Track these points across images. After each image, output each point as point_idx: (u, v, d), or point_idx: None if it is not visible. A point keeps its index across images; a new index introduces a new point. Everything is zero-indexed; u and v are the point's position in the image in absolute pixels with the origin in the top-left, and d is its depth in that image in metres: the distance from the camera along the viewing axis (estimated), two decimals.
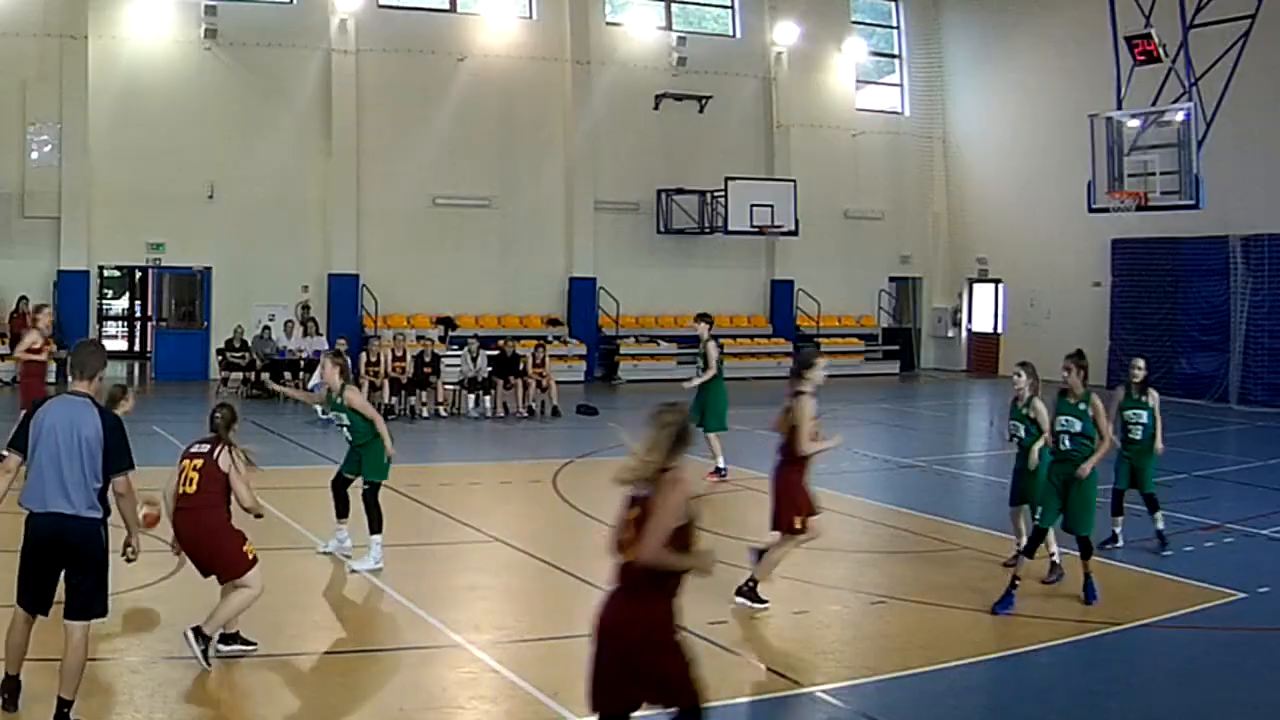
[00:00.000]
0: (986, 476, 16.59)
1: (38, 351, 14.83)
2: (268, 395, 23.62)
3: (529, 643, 8.48)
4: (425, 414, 21.40)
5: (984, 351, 32.44)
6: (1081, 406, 9.74)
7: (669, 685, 5.26)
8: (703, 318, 16.05)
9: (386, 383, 21.22)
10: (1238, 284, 25.46)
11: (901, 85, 33.77)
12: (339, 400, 10.43)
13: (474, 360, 22.03)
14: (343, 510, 10.71)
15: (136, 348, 32.90)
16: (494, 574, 10.75)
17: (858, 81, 32.97)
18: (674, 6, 30.90)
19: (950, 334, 33.40)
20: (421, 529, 12.47)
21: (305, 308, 26.02)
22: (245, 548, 7.68)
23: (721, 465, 15.22)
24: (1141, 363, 11.79)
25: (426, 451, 17.21)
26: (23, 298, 24.05)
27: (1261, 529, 12.30)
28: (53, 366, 16.28)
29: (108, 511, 6.49)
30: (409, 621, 8.98)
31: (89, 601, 6.42)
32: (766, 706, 7.30)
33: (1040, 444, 10.25)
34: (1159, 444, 11.53)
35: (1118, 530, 11.47)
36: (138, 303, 33.92)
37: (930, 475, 16.00)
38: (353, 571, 10.22)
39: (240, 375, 24.02)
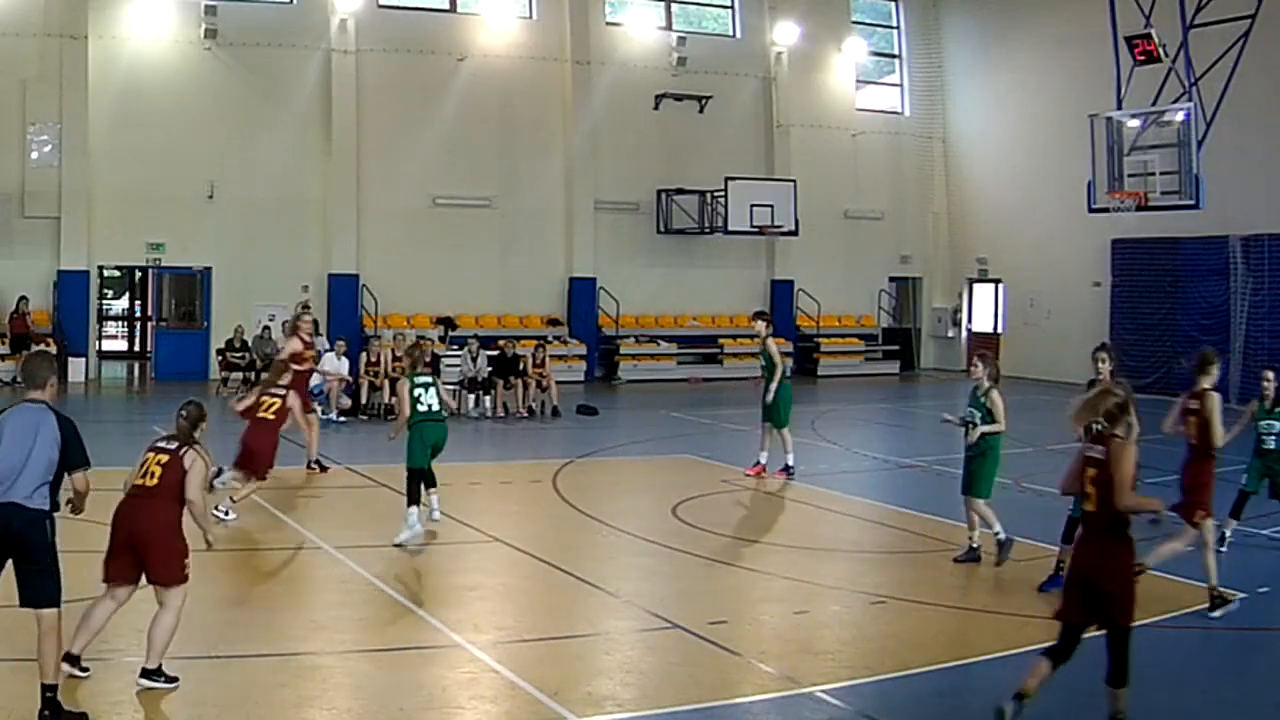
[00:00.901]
0: None
1: (302, 359, 15.01)
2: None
3: (529, 643, 8.48)
4: None
5: (984, 351, 32.41)
6: None
7: (1119, 606, 6.61)
8: (760, 315, 16.10)
9: (386, 383, 21.21)
10: (1238, 284, 25.46)
11: (901, 85, 33.78)
12: None
13: (474, 360, 22.03)
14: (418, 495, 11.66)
15: (136, 348, 32.92)
16: (494, 574, 10.75)
17: (858, 81, 32.98)
18: (674, 6, 30.90)
19: (950, 334, 33.39)
20: None
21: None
22: (186, 560, 7.38)
23: (790, 462, 15.31)
24: (1271, 375, 11.96)
25: None
26: (23, 298, 24.07)
27: (1261, 529, 12.30)
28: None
29: (55, 507, 6.87)
30: (409, 621, 8.98)
31: (38, 590, 6.74)
32: (766, 706, 7.30)
33: (993, 428, 10.58)
34: None
35: (1228, 532, 11.52)
36: (138, 303, 33.92)
37: (930, 475, 15.99)
38: (396, 545, 11.12)
39: (240, 375, 24.00)
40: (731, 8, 31.56)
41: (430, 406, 11.83)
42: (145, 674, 7.18)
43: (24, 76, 24.63)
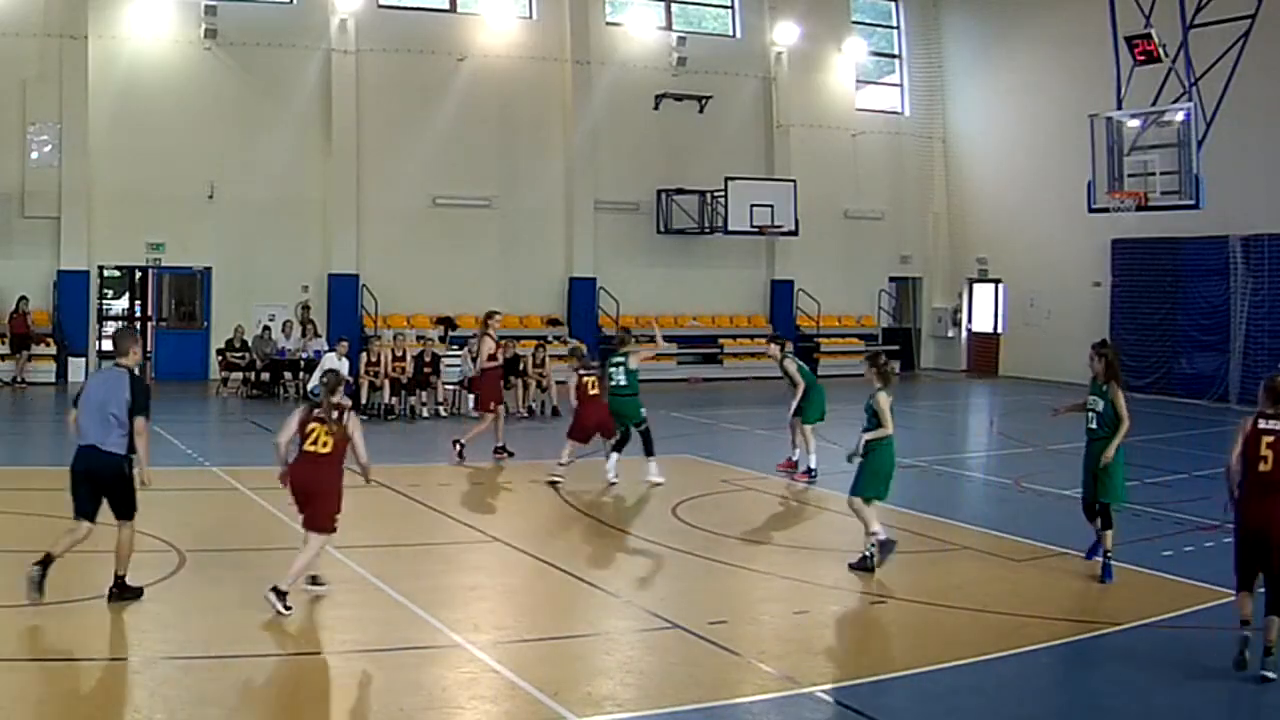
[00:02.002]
0: (986, 476, 16.60)
1: (494, 359, 16.40)
2: (267, 395, 23.66)
3: (529, 643, 8.48)
4: (425, 414, 21.39)
5: (984, 351, 32.42)
6: (1105, 389, 10.46)
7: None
8: (774, 339, 16.35)
9: (387, 383, 21.21)
10: (1238, 284, 25.44)
11: (901, 85, 33.77)
12: None
13: (474, 360, 21.99)
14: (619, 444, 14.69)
15: None
16: (494, 574, 10.75)
17: (858, 81, 32.97)
18: (674, 6, 30.90)
19: (950, 334, 33.38)
20: (422, 529, 12.49)
21: (305, 308, 25.98)
22: (336, 515, 9.03)
23: (813, 464, 15.29)
24: None
25: (426, 451, 17.21)
26: (23, 298, 24.06)
27: None
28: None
29: (132, 450, 8.72)
30: (409, 621, 8.97)
31: (123, 509, 8.79)
32: (766, 706, 7.30)
33: (878, 433, 10.60)
34: None
35: None
36: (138, 303, 33.87)
37: (930, 475, 15.98)
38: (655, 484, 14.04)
39: (240, 375, 23.99)
40: (731, 8, 31.56)
41: (617, 382, 14.60)
42: (274, 590, 8.67)
43: (24, 76, 24.63)
